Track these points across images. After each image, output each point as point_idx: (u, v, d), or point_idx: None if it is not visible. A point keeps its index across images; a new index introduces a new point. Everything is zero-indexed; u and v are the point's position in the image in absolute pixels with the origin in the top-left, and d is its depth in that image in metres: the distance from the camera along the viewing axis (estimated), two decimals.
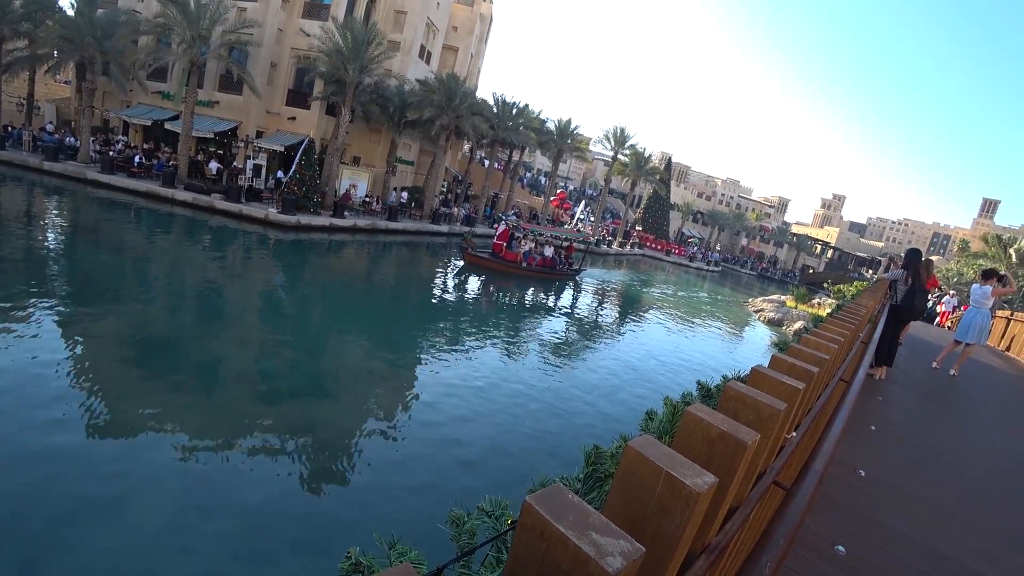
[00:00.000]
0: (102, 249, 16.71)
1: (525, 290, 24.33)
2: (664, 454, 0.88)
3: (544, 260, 27.55)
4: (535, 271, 27.02)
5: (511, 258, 26.51)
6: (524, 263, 26.58)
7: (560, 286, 27.52)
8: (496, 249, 26.71)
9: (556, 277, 28.19)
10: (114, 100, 33.45)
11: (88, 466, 6.38)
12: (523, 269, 26.50)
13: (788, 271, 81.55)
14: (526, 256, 26.77)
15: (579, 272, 30.14)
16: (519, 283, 25.17)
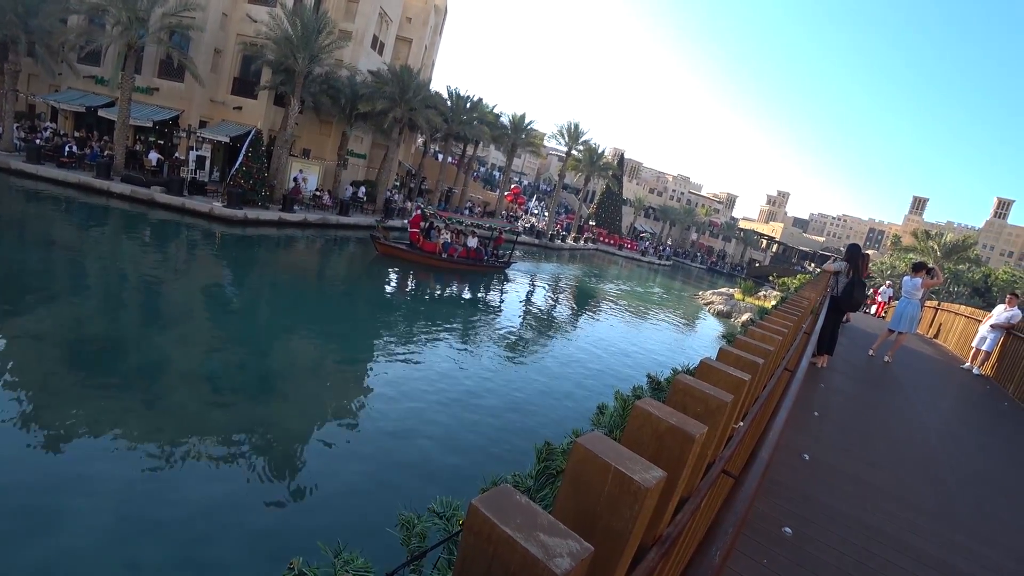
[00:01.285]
0: (28, 245, 15.64)
1: (449, 284, 22.91)
2: (612, 450, 0.87)
3: (468, 251, 25.73)
4: (457, 263, 25.14)
5: (429, 249, 24.47)
6: (444, 254, 24.68)
7: (488, 280, 25.71)
8: (413, 239, 24.46)
9: (482, 270, 26.33)
10: (41, 84, 31.29)
11: (18, 477, 5.97)
12: (443, 261, 24.66)
13: (736, 265, 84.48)
14: (446, 247, 24.85)
15: (509, 265, 28.05)
16: (439, 276, 23.42)
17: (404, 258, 23.85)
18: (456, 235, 25.74)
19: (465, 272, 25.24)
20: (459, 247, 25.37)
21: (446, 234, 25.15)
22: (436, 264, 24.45)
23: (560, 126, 47.47)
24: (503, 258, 27.84)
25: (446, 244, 24.84)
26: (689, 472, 1.14)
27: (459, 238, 25.78)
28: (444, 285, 22.40)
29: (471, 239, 26.07)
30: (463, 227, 25.99)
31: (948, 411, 8.24)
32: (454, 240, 25.42)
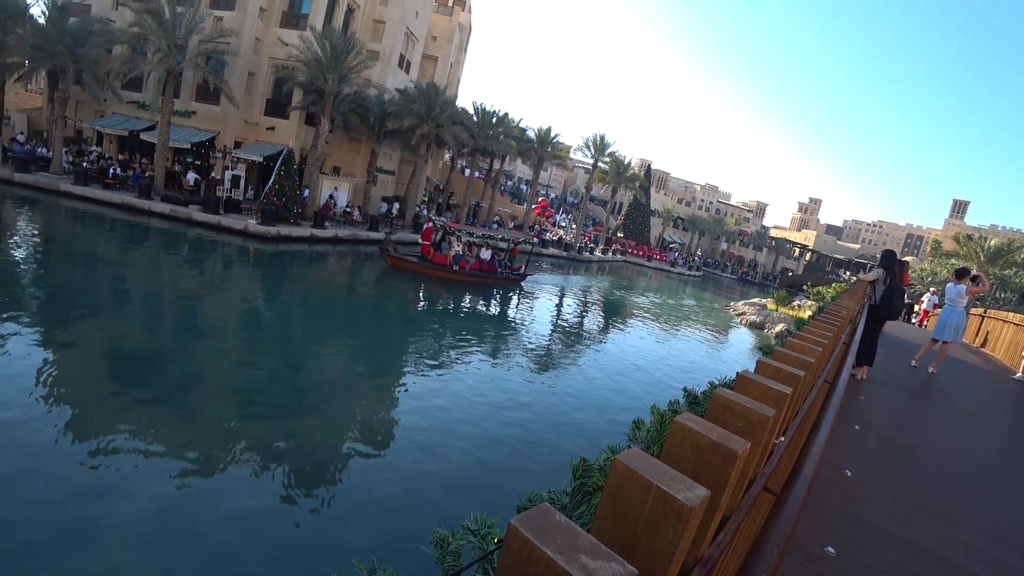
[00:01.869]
0: (76, 262, 16.31)
1: (465, 297, 22.53)
2: (653, 467, 0.85)
3: (481, 263, 25.08)
4: (469, 275, 24.49)
5: (440, 261, 23.96)
6: (455, 266, 24.07)
7: (507, 292, 25.26)
8: (424, 252, 24.06)
9: (496, 283, 25.62)
10: (87, 110, 32.80)
11: (61, 484, 6.17)
12: (454, 273, 24.04)
13: (768, 274, 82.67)
14: (457, 259, 24.24)
15: (525, 277, 27.00)
16: (451, 289, 23.00)
17: (413, 270, 23.53)
18: (469, 247, 25.26)
19: (479, 285, 24.73)
20: (471, 259, 24.88)
21: (458, 246, 24.75)
22: (447, 276, 23.95)
23: (586, 138, 47.49)
24: (519, 270, 27.05)
25: (457, 256, 24.36)
26: (731, 490, 1.10)
27: (471, 250, 25.30)
28: (460, 298, 22.15)
29: (484, 251, 25.55)
30: (475, 238, 25.52)
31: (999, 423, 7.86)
32: (466, 252, 24.97)
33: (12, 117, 34.34)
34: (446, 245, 24.68)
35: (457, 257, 24.27)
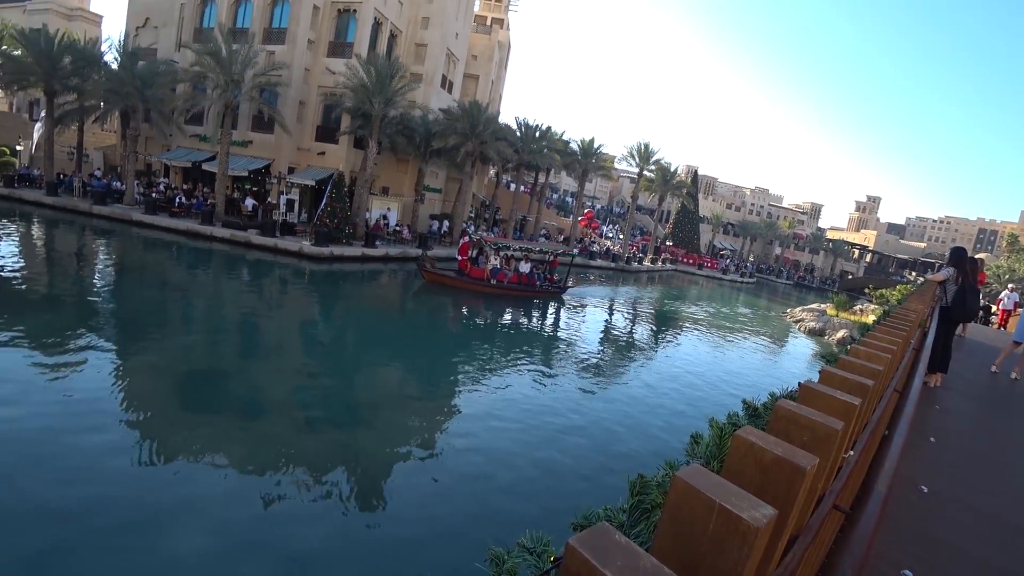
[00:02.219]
0: (147, 286, 17.35)
1: (505, 311, 22.03)
2: (715, 484, 0.82)
3: (520, 277, 24.72)
4: (507, 289, 24.17)
5: (477, 275, 23.83)
6: (493, 280, 23.82)
7: (545, 306, 24.66)
8: (461, 266, 24.10)
9: (535, 296, 25.17)
10: (155, 145, 35.07)
11: (133, 492, 6.53)
12: (492, 287, 23.79)
13: (826, 278, 79.23)
14: (495, 273, 23.97)
15: (565, 289, 26.45)
16: (489, 303, 22.63)
17: (451, 285, 23.50)
18: (507, 260, 24.98)
19: (518, 298, 24.36)
20: (509, 272, 24.59)
21: (495, 260, 24.49)
22: (485, 291, 23.74)
23: (630, 147, 46.98)
24: (559, 282, 26.54)
25: (495, 270, 24.10)
26: (799, 508, 1.04)
27: (509, 264, 24.98)
28: (501, 312, 21.95)
29: (523, 264, 25.22)
30: (511, 252, 25.16)
31: None
32: (504, 266, 24.69)
33: (90, 154, 37.07)
34: (483, 259, 24.60)
35: (495, 271, 24.11)
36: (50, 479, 6.48)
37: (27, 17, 52.71)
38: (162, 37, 35.81)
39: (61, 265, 18.60)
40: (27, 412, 7.88)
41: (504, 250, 24.95)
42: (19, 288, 14.74)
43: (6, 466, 6.58)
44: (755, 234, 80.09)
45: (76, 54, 29.99)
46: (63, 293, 15.08)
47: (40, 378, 9.12)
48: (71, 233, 24.42)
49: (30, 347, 10.39)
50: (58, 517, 5.90)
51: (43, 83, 29.29)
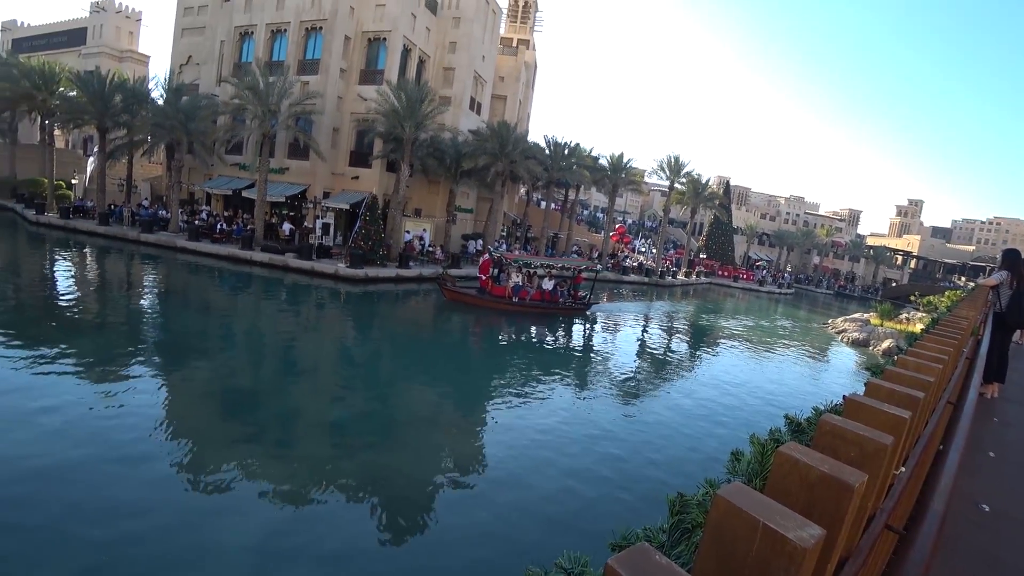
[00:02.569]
0: (190, 309, 17.98)
1: (525, 329, 21.62)
2: (758, 503, 0.79)
3: (543, 294, 24.38)
4: (530, 306, 23.89)
5: (498, 293, 23.67)
6: (515, 298, 23.56)
7: (571, 323, 24.22)
8: (482, 284, 24.07)
9: (559, 313, 24.76)
10: (198, 174, 36.58)
11: (175, 511, 6.70)
12: (514, 305, 23.51)
13: (868, 287, 76.53)
14: (516, 290, 23.68)
15: (589, 306, 25.97)
16: (512, 321, 22.39)
17: (473, 304, 23.50)
18: (529, 278, 24.65)
19: (541, 315, 23.98)
20: (531, 289, 24.26)
21: (517, 277, 24.19)
22: (507, 308, 23.51)
23: (659, 160, 46.63)
24: (584, 299, 25.98)
25: (516, 287, 23.82)
26: (849, 528, 1.00)
27: (532, 281, 24.68)
28: (525, 330, 21.61)
29: (547, 281, 24.83)
30: (532, 268, 24.75)
31: None
32: (526, 283, 24.38)
33: (139, 185, 38.91)
34: (504, 277, 24.43)
35: (516, 288, 23.82)
36: (98, 495, 6.71)
37: (82, 60, 56.15)
38: (204, 73, 37.61)
39: (112, 291, 19.47)
40: (76, 431, 8.21)
41: (526, 267, 24.64)
42: (74, 313, 15.49)
43: (63, 476, 6.85)
44: (791, 243, 78.15)
45: (126, 93, 31.77)
46: (113, 317, 15.76)
47: (90, 398, 9.50)
48: (121, 260, 25.60)
49: (83, 368, 10.86)
50: (103, 528, 6.10)
51: (96, 121, 31.06)
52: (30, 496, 6.56)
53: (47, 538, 5.91)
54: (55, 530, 6.06)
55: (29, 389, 9.52)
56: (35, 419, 8.44)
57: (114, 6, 61.22)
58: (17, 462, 7.20)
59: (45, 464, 7.25)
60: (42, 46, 61.44)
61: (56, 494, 6.69)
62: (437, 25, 36.54)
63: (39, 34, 64.06)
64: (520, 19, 48.88)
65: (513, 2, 48.87)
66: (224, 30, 36.29)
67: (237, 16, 35.51)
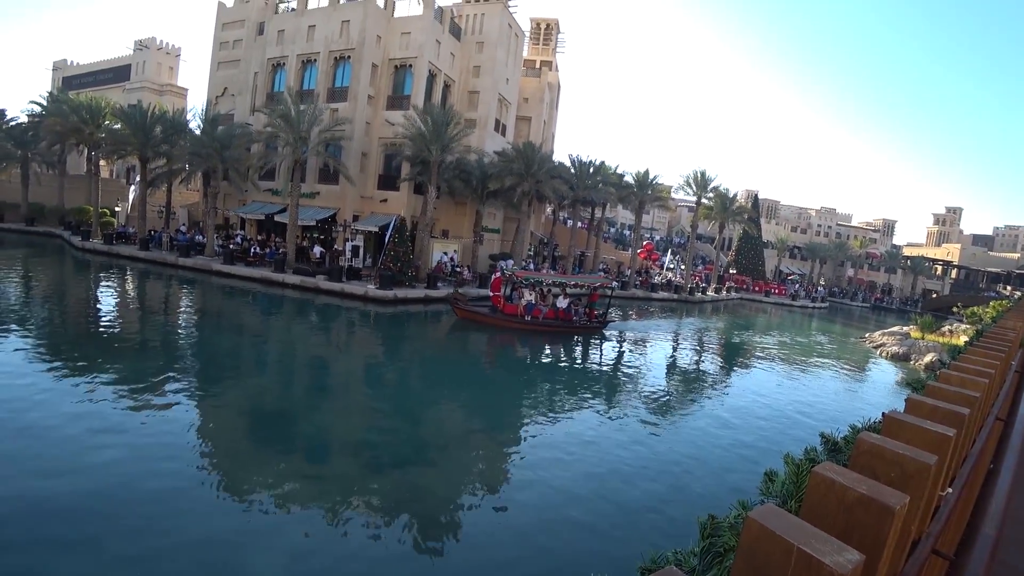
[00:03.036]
0: (225, 330, 18.44)
1: (540, 348, 21.28)
2: (793, 526, 0.76)
3: (556, 312, 23.85)
4: (543, 325, 23.37)
5: (510, 312, 23.34)
6: (528, 316, 23.13)
7: (589, 341, 23.54)
8: (494, 303, 23.75)
9: (573, 331, 24.07)
10: (233, 200, 37.83)
11: (207, 526, 6.82)
12: (527, 323, 23.09)
13: (907, 298, 74.07)
14: (529, 309, 23.31)
15: (606, 324, 25.11)
16: (525, 340, 22.08)
17: (485, 322, 23.27)
18: (542, 296, 24.20)
19: (554, 334, 23.45)
20: (544, 308, 23.81)
21: (529, 295, 23.84)
22: (519, 327, 23.09)
23: (686, 176, 46.28)
24: (600, 317, 24.99)
25: (529, 305, 23.45)
26: (890, 553, 0.95)
27: (545, 299, 24.27)
28: (540, 349, 21.25)
29: (561, 299, 24.39)
30: (544, 286, 24.34)
31: None
32: (539, 301, 23.96)
33: (177, 212, 40.43)
34: (517, 295, 24.04)
35: (529, 306, 23.45)
36: (132, 511, 6.85)
37: (126, 94, 59.06)
38: (239, 103, 39.13)
39: (151, 313, 20.14)
40: (114, 447, 8.43)
41: (537, 285, 24.21)
42: (115, 334, 16.05)
43: (99, 492, 7.03)
44: (824, 256, 76.29)
45: (165, 124, 33.24)
46: (152, 338, 16.27)
47: (128, 416, 9.77)
48: (160, 283, 26.52)
49: (123, 387, 11.18)
50: (136, 544, 6.21)
51: (138, 151, 32.50)
52: (67, 511, 6.74)
53: (83, 553, 6.06)
54: (92, 544, 6.22)
55: (71, 406, 9.85)
56: (74, 435, 8.73)
57: (156, 43, 64.44)
58: (56, 477, 7.42)
59: (82, 480, 7.46)
60: (90, 83, 64.89)
61: (92, 510, 6.87)
62: (461, 50, 37.33)
63: (87, 72, 67.76)
64: (543, 41, 49.55)
65: (535, 25, 49.62)
66: (258, 62, 37.79)
67: (270, 49, 36.98)
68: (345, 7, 34.15)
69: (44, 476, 7.50)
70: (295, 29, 35.90)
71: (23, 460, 7.90)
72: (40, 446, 8.38)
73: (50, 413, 9.60)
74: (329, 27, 34.36)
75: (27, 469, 7.65)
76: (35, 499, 6.93)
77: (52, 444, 8.46)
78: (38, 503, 6.84)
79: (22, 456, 8.00)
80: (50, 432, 8.86)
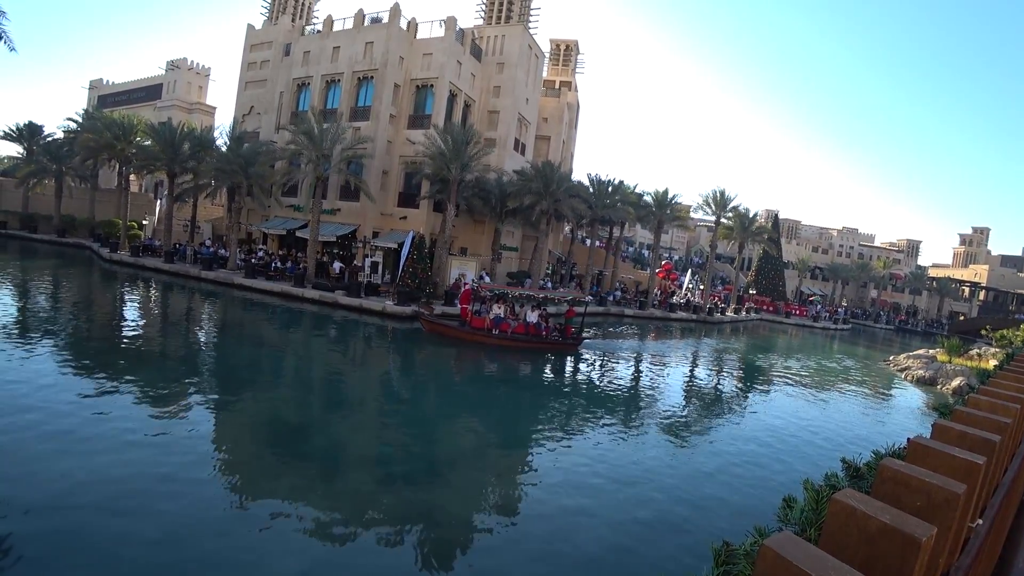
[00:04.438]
0: (245, 343, 18.67)
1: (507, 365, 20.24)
2: (811, 556, 0.73)
3: (527, 327, 22.73)
4: (511, 340, 22.25)
5: (478, 325, 22.40)
6: (495, 330, 22.17)
7: (558, 360, 21.92)
8: (463, 315, 22.98)
9: (544, 348, 22.77)
10: (256, 215, 38.59)
11: (220, 537, 6.83)
12: (494, 338, 22.12)
13: (932, 321, 72.31)
14: (497, 322, 22.34)
15: (580, 342, 23.66)
16: (492, 355, 21.05)
17: (451, 336, 22.59)
18: (511, 310, 23.31)
19: (524, 351, 22.27)
20: (513, 322, 22.77)
21: (498, 309, 22.95)
22: (487, 342, 22.20)
23: (705, 195, 45.96)
24: (576, 334, 23.65)
25: (497, 319, 22.47)
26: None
27: (512, 312, 23.33)
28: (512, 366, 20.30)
29: (531, 313, 23.29)
30: (510, 299, 23.35)
31: None
32: (508, 315, 23.01)
33: (201, 226, 41.36)
34: (485, 308, 23.20)
35: (497, 320, 22.46)
36: (146, 520, 6.88)
37: (157, 112, 61.02)
38: (264, 122, 40.13)
39: (173, 324, 20.51)
40: (131, 455, 8.51)
41: (502, 298, 23.12)
42: (138, 343, 16.36)
43: (116, 499, 7.09)
44: (846, 277, 75.02)
45: (193, 141, 34.21)
46: (173, 348, 16.54)
47: (147, 424, 9.89)
48: (183, 295, 27.04)
49: (143, 395, 11.35)
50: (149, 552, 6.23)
51: (166, 166, 33.47)
52: (83, 519, 6.80)
53: (98, 562, 6.09)
54: (107, 553, 6.25)
55: (91, 413, 10.01)
56: (94, 442, 8.85)
57: (186, 63, 66.61)
58: (73, 483, 7.51)
59: (99, 487, 7.53)
60: (124, 101, 67.17)
61: (108, 516, 6.92)
62: (482, 71, 37.90)
63: (121, 90, 70.18)
64: (562, 62, 50.12)
65: (555, 46, 50.25)
66: (283, 82, 38.81)
67: (295, 69, 37.98)
68: (369, 29, 35.01)
69: (66, 480, 7.60)
70: (320, 50, 36.85)
71: (49, 465, 8.01)
72: (64, 450, 8.53)
73: (75, 419, 9.80)
74: (353, 48, 35.21)
75: (52, 474, 7.77)
76: (54, 505, 7.02)
77: (75, 449, 8.59)
78: (56, 509, 6.92)
79: (48, 460, 8.13)
80: (73, 437, 9.00)
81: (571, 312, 24.33)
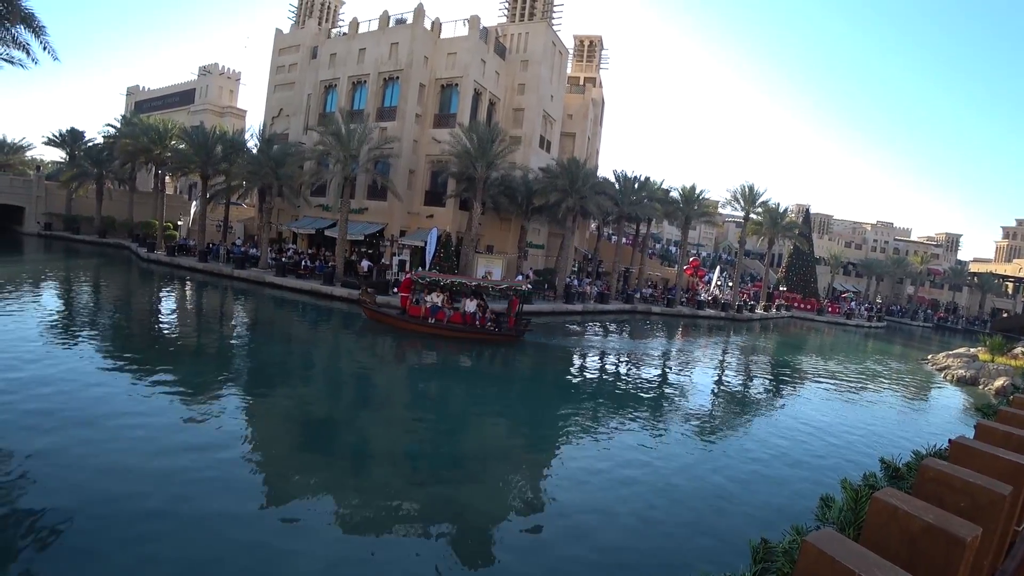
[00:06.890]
0: (275, 339, 19.10)
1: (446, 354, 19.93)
2: (853, 553, 0.73)
3: (463, 317, 22.08)
4: (448, 330, 21.80)
5: (415, 313, 22.00)
6: (431, 319, 21.76)
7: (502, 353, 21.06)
8: (402, 304, 22.64)
9: (481, 338, 22.13)
10: (286, 215, 39.37)
11: (249, 527, 7.05)
12: (430, 327, 21.73)
13: (974, 318, 69.70)
14: (433, 311, 21.83)
15: (521, 333, 22.71)
16: (430, 344, 20.80)
17: (390, 324, 22.43)
18: (448, 298, 22.71)
19: (462, 341, 21.78)
20: (449, 311, 22.18)
21: (437, 298, 22.34)
22: (423, 330, 21.87)
23: (733, 191, 44.99)
24: (520, 325, 22.70)
25: (433, 308, 21.99)
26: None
27: (449, 301, 22.68)
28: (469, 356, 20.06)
29: (469, 303, 22.72)
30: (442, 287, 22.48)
31: None
32: (445, 304, 22.40)
33: (234, 226, 42.40)
34: (423, 296, 22.54)
35: (433, 309, 21.95)
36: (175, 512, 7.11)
37: (190, 116, 62.81)
38: (293, 123, 40.91)
39: (206, 321, 21.15)
40: (163, 448, 8.80)
41: (436, 286, 22.44)
42: (173, 339, 16.93)
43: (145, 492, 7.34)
44: (881, 273, 72.82)
45: (225, 144, 35.07)
46: (206, 344, 17.05)
47: (179, 417, 10.23)
48: (216, 293, 27.82)
49: (177, 389, 11.72)
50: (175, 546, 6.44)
51: (200, 169, 34.43)
52: (112, 511, 7.05)
53: (125, 554, 6.32)
54: (135, 543, 6.46)
55: (130, 405, 10.39)
56: (126, 434, 9.18)
57: (218, 69, 68.33)
58: (111, 472, 7.80)
59: (130, 480, 7.79)
60: (159, 106, 69.25)
61: (138, 509, 7.15)
62: (506, 69, 37.91)
63: (156, 96, 72.41)
64: (586, 58, 49.78)
65: (579, 43, 49.93)
66: (311, 84, 39.46)
67: (322, 71, 38.57)
68: (394, 30, 35.33)
69: (101, 471, 7.91)
70: (346, 52, 37.35)
71: (86, 454, 8.35)
72: (99, 441, 8.89)
73: (111, 410, 10.22)
74: (379, 50, 35.59)
75: (88, 464, 8.10)
76: (89, 493, 7.30)
77: (110, 440, 8.92)
78: (91, 498, 7.21)
79: (85, 448, 8.48)
80: (108, 428, 9.36)
81: (516, 302, 23.53)
